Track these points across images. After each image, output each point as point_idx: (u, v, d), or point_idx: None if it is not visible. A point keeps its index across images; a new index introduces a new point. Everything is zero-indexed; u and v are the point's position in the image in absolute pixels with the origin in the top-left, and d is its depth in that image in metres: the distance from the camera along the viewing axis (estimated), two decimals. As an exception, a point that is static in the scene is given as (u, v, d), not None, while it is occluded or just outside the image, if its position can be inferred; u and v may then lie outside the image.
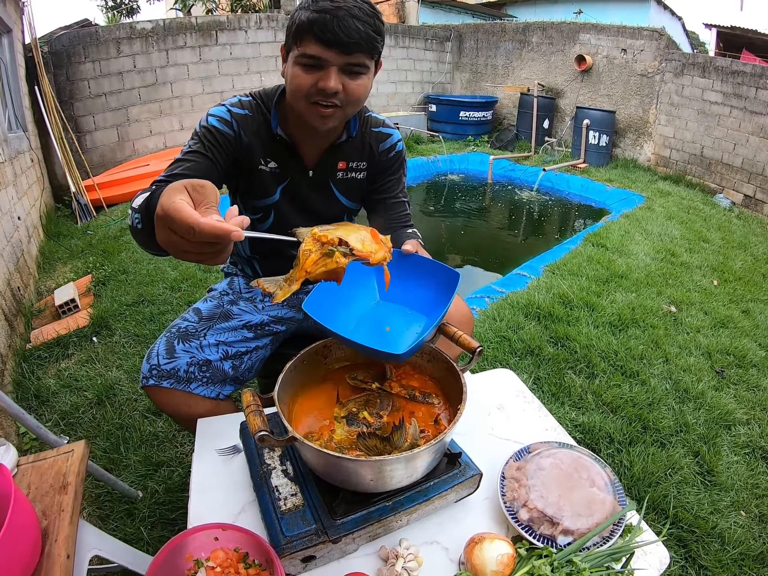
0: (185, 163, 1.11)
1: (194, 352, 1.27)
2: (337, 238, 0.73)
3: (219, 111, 1.20)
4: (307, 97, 1.08)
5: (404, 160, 1.44)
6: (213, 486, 1.01)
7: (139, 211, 0.88)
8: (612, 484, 1.03)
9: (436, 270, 1.09)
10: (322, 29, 0.99)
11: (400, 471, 0.78)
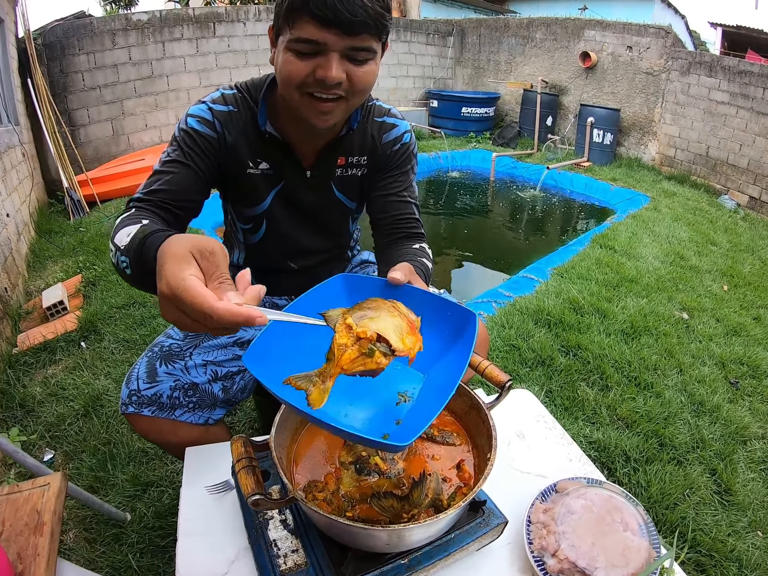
0: (164, 176, 0.98)
1: (178, 374, 1.13)
2: (375, 333, 0.63)
3: (199, 110, 1.05)
4: (302, 87, 0.91)
5: (413, 154, 1.23)
6: (203, 529, 0.90)
7: (125, 254, 0.76)
8: (646, 526, 0.93)
9: (441, 308, 0.78)
10: (320, 5, 0.81)
11: (420, 534, 0.67)
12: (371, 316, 0.65)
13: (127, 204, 0.98)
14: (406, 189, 1.21)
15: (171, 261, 0.56)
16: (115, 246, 0.80)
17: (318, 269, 1.34)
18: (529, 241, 5.29)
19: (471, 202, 6.39)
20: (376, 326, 0.63)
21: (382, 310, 0.67)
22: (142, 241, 0.73)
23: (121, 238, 0.79)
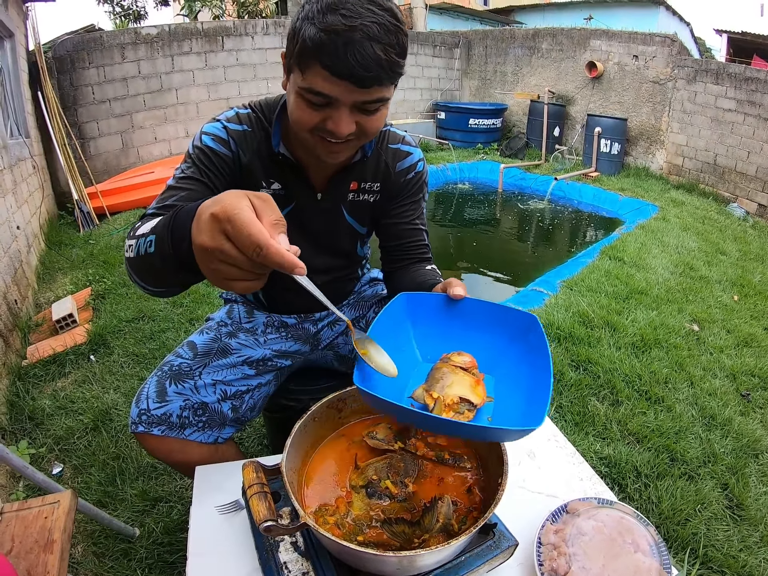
0: (178, 192, 0.97)
1: (188, 394, 1.13)
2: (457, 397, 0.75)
3: (213, 128, 1.04)
4: (313, 131, 0.90)
5: (425, 182, 1.24)
6: (213, 548, 0.90)
7: (151, 234, 0.74)
8: (657, 546, 0.92)
9: (501, 314, 0.88)
10: (332, 58, 0.78)
11: (431, 559, 0.67)
12: (449, 384, 0.76)
13: (140, 218, 0.96)
14: (418, 217, 1.23)
15: (228, 195, 0.56)
16: (136, 237, 0.78)
17: (327, 288, 1.33)
18: (538, 253, 5.27)
19: (479, 214, 6.40)
20: (455, 392, 0.75)
21: (452, 376, 0.78)
22: (173, 213, 0.70)
23: (143, 230, 0.78)
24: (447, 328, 0.89)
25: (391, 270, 1.25)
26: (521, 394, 0.79)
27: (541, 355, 0.79)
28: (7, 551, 0.99)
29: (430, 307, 0.88)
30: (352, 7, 0.78)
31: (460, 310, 0.87)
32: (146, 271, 0.78)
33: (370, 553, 0.60)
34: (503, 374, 0.85)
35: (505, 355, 0.86)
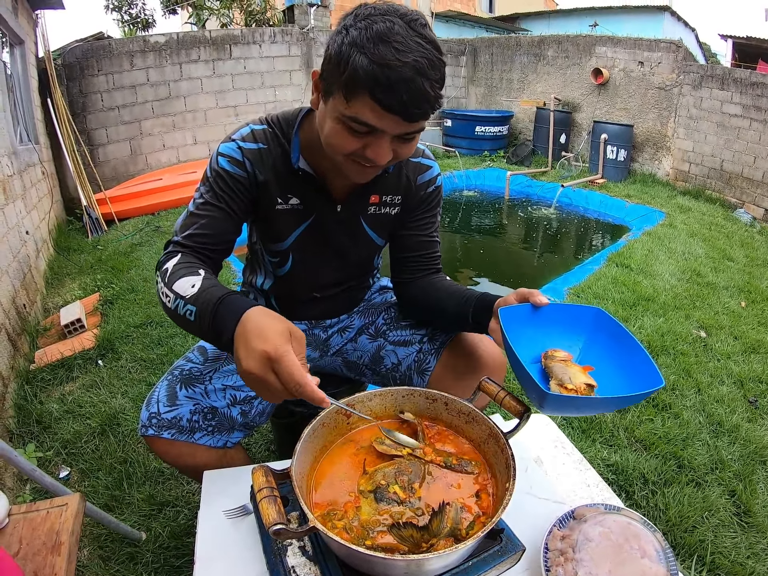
0: (200, 219, 1.02)
1: (198, 398, 1.13)
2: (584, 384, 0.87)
3: (229, 149, 1.06)
4: (348, 156, 0.92)
5: (441, 197, 1.27)
6: (221, 553, 0.90)
7: (192, 303, 0.86)
8: (663, 552, 0.91)
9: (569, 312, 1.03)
10: (386, 94, 0.79)
11: (439, 563, 0.67)
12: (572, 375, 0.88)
13: (166, 245, 1.04)
14: (435, 230, 1.26)
15: (276, 334, 0.72)
16: (175, 293, 0.88)
17: (341, 298, 1.36)
18: (545, 260, 5.26)
19: (486, 222, 6.40)
20: (579, 381, 0.87)
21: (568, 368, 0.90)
22: (218, 301, 0.83)
23: (184, 287, 0.88)
24: (537, 331, 0.99)
25: (406, 280, 1.28)
26: (618, 371, 0.93)
27: (617, 332, 0.95)
28: (14, 553, 0.99)
29: (520, 315, 0.98)
30: (402, 40, 0.78)
31: (543, 314, 0.99)
32: (183, 325, 0.90)
33: (378, 557, 0.61)
34: (590, 360, 0.97)
35: (586, 343, 1.00)
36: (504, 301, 1.01)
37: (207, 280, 0.88)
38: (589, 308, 1.01)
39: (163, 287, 0.91)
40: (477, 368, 1.21)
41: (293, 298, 1.30)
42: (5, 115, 3.54)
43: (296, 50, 6.99)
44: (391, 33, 0.79)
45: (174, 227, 1.06)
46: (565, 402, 0.85)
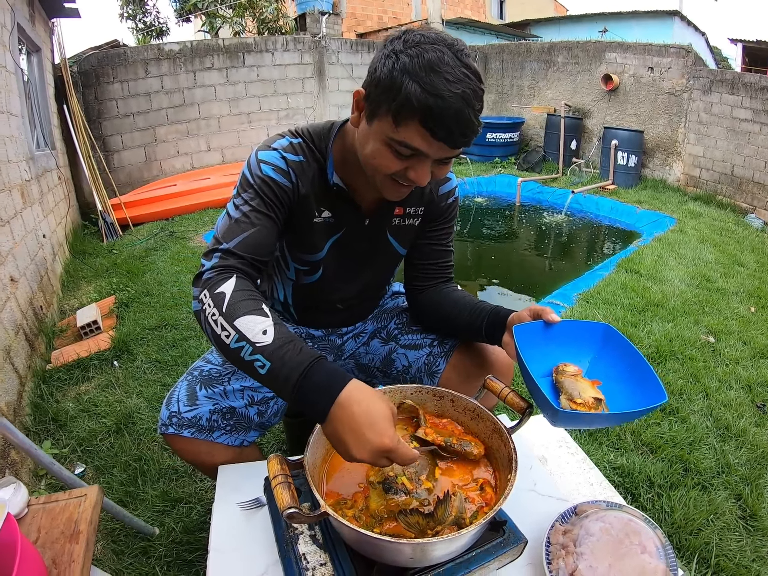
0: (249, 228, 0.99)
1: (218, 398, 1.17)
2: (592, 398, 0.93)
3: (272, 157, 1.05)
4: (389, 176, 0.96)
5: (458, 208, 1.32)
6: (234, 544, 0.94)
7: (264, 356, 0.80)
8: (663, 548, 0.94)
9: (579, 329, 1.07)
10: (437, 123, 0.83)
11: (443, 550, 0.70)
12: (581, 390, 0.93)
13: (211, 251, 0.98)
14: (450, 240, 1.31)
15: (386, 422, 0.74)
16: (240, 333, 0.83)
17: (360, 305, 1.41)
18: (555, 266, 5.28)
19: (497, 228, 6.42)
20: (588, 395, 0.92)
21: (577, 384, 0.95)
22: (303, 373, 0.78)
23: (252, 329, 0.82)
24: (549, 346, 1.03)
25: (418, 288, 1.32)
26: (624, 386, 0.97)
27: (624, 348, 1.00)
28: (33, 541, 1.00)
29: (534, 331, 1.02)
30: (452, 71, 0.83)
31: (554, 330, 1.03)
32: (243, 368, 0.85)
33: (385, 540, 0.64)
34: (597, 374, 1.02)
35: (595, 358, 1.04)
36: (517, 316, 1.05)
37: (278, 327, 0.84)
38: (598, 324, 1.05)
39: (218, 316, 0.86)
40: (485, 371, 1.25)
41: (314, 307, 1.34)
42: (23, 121, 3.62)
43: (308, 58, 7.07)
44: (441, 63, 0.82)
45: (215, 232, 1.02)
46: (574, 417, 0.90)
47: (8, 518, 0.84)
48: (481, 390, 0.96)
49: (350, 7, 11.92)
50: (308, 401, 0.77)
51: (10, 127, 3.16)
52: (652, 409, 0.89)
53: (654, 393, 0.90)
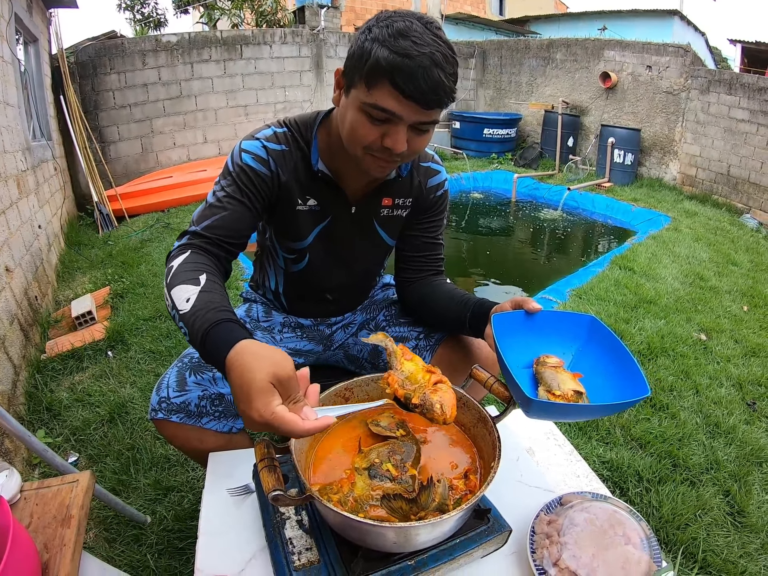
0: (221, 212, 1.03)
1: (207, 385, 1.18)
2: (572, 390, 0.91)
3: (253, 147, 1.08)
4: (367, 149, 0.97)
5: (448, 201, 1.33)
6: (223, 529, 0.95)
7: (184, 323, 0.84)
8: (648, 540, 0.95)
9: (563, 320, 1.05)
10: (405, 80, 0.85)
11: (426, 535, 0.72)
12: (561, 382, 0.92)
13: (182, 234, 1.04)
14: (440, 233, 1.32)
15: (258, 395, 0.66)
16: (172, 302, 0.87)
17: (348, 296, 1.42)
18: (550, 262, 5.30)
19: (492, 223, 6.44)
20: (567, 388, 0.91)
21: (557, 375, 0.94)
22: (206, 332, 0.79)
23: (180, 297, 0.86)
24: (531, 337, 1.02)
25: (408, 280, 1.33)
26: (608, 379, 0.96)
27: (610, 342, 0.98)
28: (25, 526, 1.01)
29: (515, 321, 1.01)
30: (420, 36, 0.86)
31: (539, 321, 1.02)
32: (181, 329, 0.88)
33: (368, 524, 0.65)
34: (581, 367, 1.00)
35: (579, 350, 1.03)
36: (500, 308, 1.06)
37: (203, 294, 0.86)
38: (583, 316, 1.04)
39: (165, 287, 0.91)
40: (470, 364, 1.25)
41: (304, 297, 1.35)
42: (20, 111, 3.61)
43: (306, 51, 7.05)
44: (410, 30, 0.86)
45: (192, 217, 1.07)
46: (548, 408, 0.88)
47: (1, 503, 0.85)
48: (468, 379, 0.97)
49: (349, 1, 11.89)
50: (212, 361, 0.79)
51: (7, 117, 3.15)
52: (632, 403, 0.88)
53: (637, 387, 0.89)
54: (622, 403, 0.87)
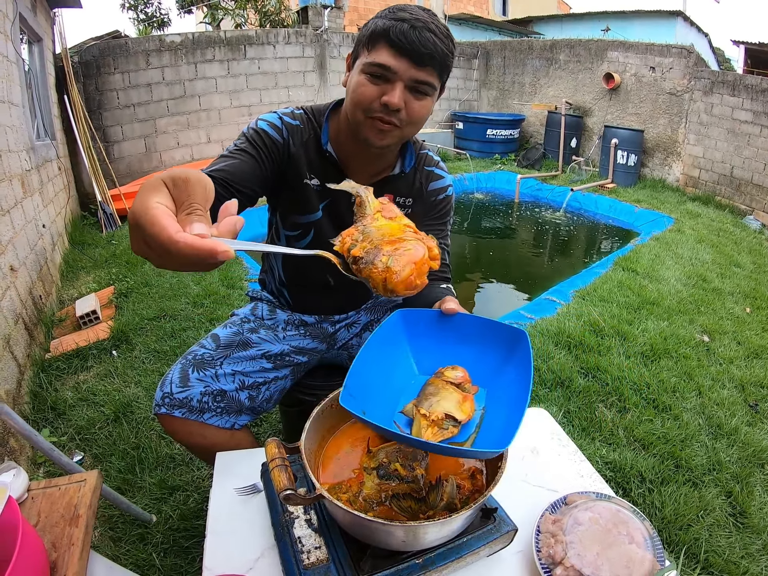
0: (229, 160, 1.06)
1: (209, 381, 1.21)
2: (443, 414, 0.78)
3: (270, 117, 1.16)
4: (367, 111, 1.03)
5: (452, 208, 1.34)
6: (231, 528, 0.95)
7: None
8: (651, 539, 0.96)
9: (492, 328, 0.91)
10: (399, 36, 0.96)
11: (434, 534, 0.72)
12: (436, 401, 0.80)
13: None
14: (443, 238, 1.32)
15: (143, 191, 0.50)
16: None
17: (351, 292, 1.42)
18: (553, 263, 5.30)
19: (495, 224, 6.45)
20: (441, 408, 0.79)
21: (441, 392, 0.82)
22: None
23: None
24: (443, 343, 0.93)
25: None
26: (506, 409, 0.82)
27: (524, 371, 0.81)
28: (33, 525, 1.02)
29: (425, 322, 0.93)
30: (417, 12, 0.99)
31: (455, 325, 0.93)
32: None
33: (378, 522, 0.66)
34: (495, 387, 0.88)
35: (497, 368, 0.89)
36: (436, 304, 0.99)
37: None
38: (511, 329, 0.89)
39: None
40: None
41: (307, 284, 1.36)
42: (24, 110, 3.62)
43: (310, 51, 7.06)
44: (408, 8, 1.00)
45: None
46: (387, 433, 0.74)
47: (10, 501, 0.86)
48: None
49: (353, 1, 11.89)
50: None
51: (11, 116, 3.16)
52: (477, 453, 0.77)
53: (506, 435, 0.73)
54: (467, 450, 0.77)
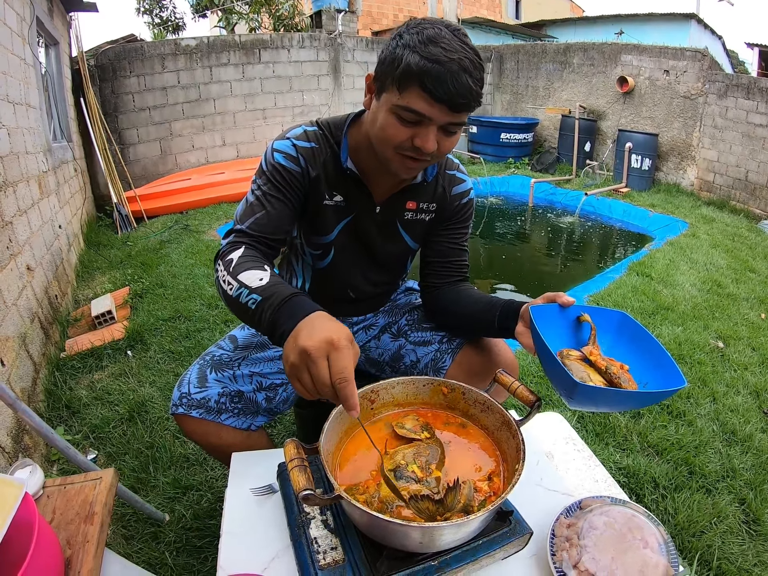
0: (261, 209, 1.09)
1: (226, 382, 1.22)
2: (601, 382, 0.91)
3: (284, 146, 1.13)
4: (398, 149, 1.01)
5: (473, 212, 1.35)
6: (246, 528, 0.96)
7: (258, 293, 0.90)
8: (665, 545, 0.95)
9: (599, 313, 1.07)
10: (435, 84, 0.90)
11: (451, 535, 0.72)
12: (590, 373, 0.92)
13: (228, 232, 1.10)
14: (465, 240, 1.35)
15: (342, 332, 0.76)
16: (240, 282, 0.93)
17: (372, 298, 1.44)
18: (567, 267, 5.27)
19: (509, 228, 6.43)
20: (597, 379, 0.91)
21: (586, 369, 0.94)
22: (290, 297, 0.87)
23: (251, 278, 0.93)
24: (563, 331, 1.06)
25: (433, 286, 1.35)
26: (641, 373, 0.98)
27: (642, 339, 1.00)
28: (48, 522, 1.03)
29: (550, 314, 1.04)
30: (449, 43, 0.91)
31: (569, 316, 1.07)
32: (239, 312, 0.96)
33: (395, 523, 0.66)
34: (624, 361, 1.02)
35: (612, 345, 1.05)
36: (533, 303, 1.07)
37: (274, 277, 0.94)
38: (614, 312, 1.05)
39: (226, 275, 0.96)
40: (491, 367, 1.27)
41: (329, 298, 1.36)
42: (41, 113, 3.67)
43: (324, 55, 7.10)
44: (439, 37, 0.91)
45: (234, 216, 1.13)
46: (593, 394, 0.87)
47: (26, 498, 0.86)
48: (492, 384, 0.98)
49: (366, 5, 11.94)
50: (282, 322, 0.85)
51: (29, 118, 3.21)
52: (671, 393, 0.89)
53: (672, 379, 0.90)
54: (660, 392, 0.89)
